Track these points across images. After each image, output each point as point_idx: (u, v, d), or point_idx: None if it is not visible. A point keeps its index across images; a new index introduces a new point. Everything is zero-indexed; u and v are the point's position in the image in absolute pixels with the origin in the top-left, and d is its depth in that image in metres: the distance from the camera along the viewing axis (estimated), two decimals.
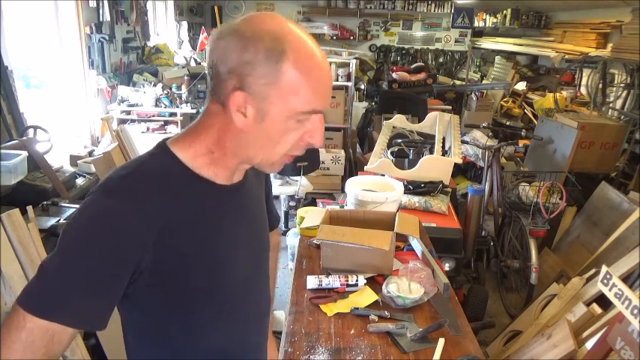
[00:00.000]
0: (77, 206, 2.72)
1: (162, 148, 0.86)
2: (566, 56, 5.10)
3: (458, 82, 7.50)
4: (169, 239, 0.80)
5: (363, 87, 6.74)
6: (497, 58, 7.70)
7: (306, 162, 3.95)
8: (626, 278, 2.43)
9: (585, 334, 2.14)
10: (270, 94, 0.77)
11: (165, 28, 7.09)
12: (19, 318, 0.73)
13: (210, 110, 0.84)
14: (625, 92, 4.46)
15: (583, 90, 5.48)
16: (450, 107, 6.01)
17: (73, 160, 3.63)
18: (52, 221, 2.48)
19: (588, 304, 2.32)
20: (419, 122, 4.26)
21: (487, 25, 8.17)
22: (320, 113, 0.83)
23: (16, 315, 0.73)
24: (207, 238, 0.86)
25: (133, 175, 0.80)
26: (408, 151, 3.45)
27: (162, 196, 0.80)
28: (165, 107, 4.86)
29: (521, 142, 4.75)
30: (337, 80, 5.18)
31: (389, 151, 3.37)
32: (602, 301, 2.22)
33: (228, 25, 0.79)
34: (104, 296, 0.77)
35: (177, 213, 0.81)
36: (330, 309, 1.56)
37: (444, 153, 3.31)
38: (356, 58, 5.58)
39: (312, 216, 2.06)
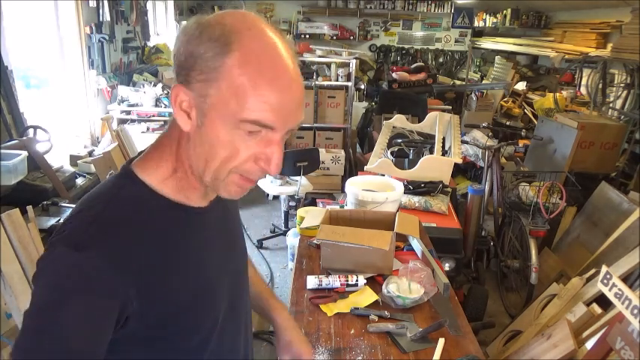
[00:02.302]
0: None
1: (128, 175, 0.76)
2: (566, 56, 5.10)
3: (458, 82, 7.50)
4: (152, 278, 0.72)
5: (363, 87, 6.73)
6: (497, 58, 7.69)
7: (306, 162, 3.96)
8: (626, 278, 2.43)
9: (585, 334, 2.14)
10: (208, 92, 0.67)
11: (165, 28, 7.09)
12: None
13: (172, 120, 0.74)
14: (625, 92, 4.45)
15: (583, 90, 5.48)
16: (450, 107, 6.01)
17: (73, 160, 3.63)
18: (52, 221, 2.49)
19: (588, 304, 2.32)
20: (419, 122, 4.26)
21: (487, 25, 8.17)
22: (271, 129, 0.69)
23: None
24: (189, 268, 0.78)
25: (101, 221, 0.70)
26: (408, 151, 3.45)
27: (137, 237, 0.71)
28: (165, 107, 4.86)
29: (521, 142, 4.75)
30: (337, 80, 5.18)
31: (389, 151, 3.37)
32: (602, 301, 2.22)
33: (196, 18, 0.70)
34: (90, 351, 0.68)
35: (155, 249, 0.73)
36: (330, 309, 1.56)
37: (444, 153, 3.31)
38: (356, 58, 5.58)
39: (312, 216, 2.06)
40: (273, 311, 1.14)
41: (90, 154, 3.80)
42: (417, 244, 1.92)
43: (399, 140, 3.56)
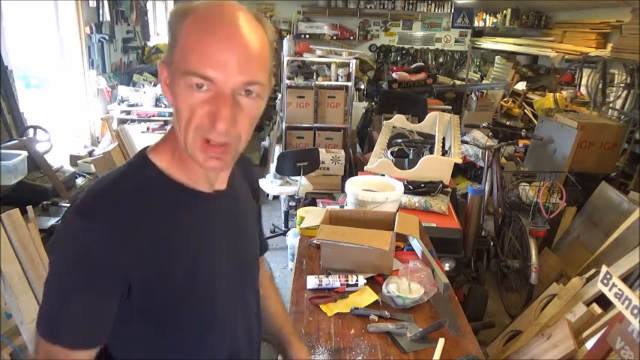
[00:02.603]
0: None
1: (141, 157, 0.83)
2: (566, 56, 5.10)
3: (458, 82, 7.49)
4: (151, 254, 0.76)
5: (363, 87, 6.73)
6: (497, 58, 7.69)
7: (306, 162, 3.96)
8: (626, 278, 2.43)
9: (585, 334, 2.14)
10: (173, 58, 0.74)
11: (165, 28, 7.09)
12: (39, 342, 0.75)
13: None
14: (625, 92, 4.45)
15: (583, 90, 5.47)
16: (450, 107, 6.01)
17: (73, 160, 3.63)
18: (52, 221, 2.49)
19: (588, 304, 2.32)
20: (419, 122, 4.26)
21: (487, 25, 8.17)
22: (212, 82, 0.72)
23: (37, 338, 0.75)
24: (186, 249, 0.81)
25: (108, 193, 0.76)
26: (408, 151, 3.45)
27: (139, 212, 0.76)
28: (165, 107, 4.86)
29: (521, 142, 4.75)
30: (337, 80, 5.18)
31: (389, 151, 3.37)
32: (602, 301, 2.22)
33: None
34: (94, 317, 0.75)
35: (155, 226, 0.77)
36: (330, 309, 1.56)
37: (444, 153, 3.31)
38: (356, 58, 5.57)
39: (312, 216, 2.06)
40: (292, 350, 1.14)
41: (90, 154, 3.80)
42: (417, 244, 1.92)
43: (399, 140, 3.56)
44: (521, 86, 6.46)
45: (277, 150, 4.92)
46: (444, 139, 3.61)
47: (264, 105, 0.80)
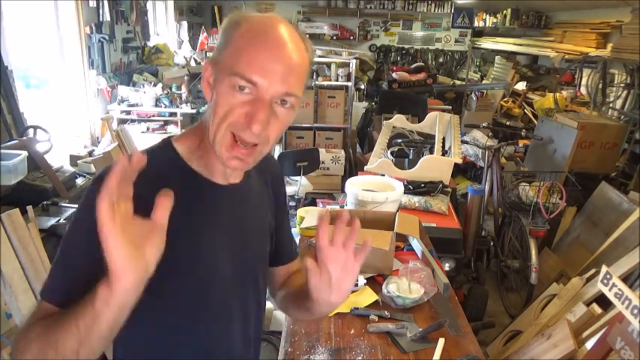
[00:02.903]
0: (77, 206, 2.74)
1: (166, 142, 0.89)
2: (566, 56, 5.10)
3: (458, 82, 7.50)
4: None
5: (363, 87, 6.73)
6: (497, 58, 7.69)
7: (306, 162, 3.96)
8: (626, 278, 2.43)
9: (585, 334, 2.14)
10: (220, 59, 0.81)
11: (166, 28, 7.09)
12: (37, 304, 0.80)
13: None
14: (625, 92, 4.45)
15: (583, 90, 5.48)
16: (450, 107, 6.01)
17: (73, 160, 3.63)
18: (52, 221, 2.48)
19: (588, 304, 2.32)
20: (419, 122, 4.26)
21: (487, 25, 8.17)
22: (255, 86, 0.77)
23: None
24: (191, 230, 0.85)
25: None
26: (408, 151, 3.45)
27: (152, 185, 0.74)
28: (165, 107, 4.86)
29: (521, 142, 4.75)
30: (337, 80, 5.18)
31: (389, 151, 3.37)
32: (602, 301, 2.22)
33: None
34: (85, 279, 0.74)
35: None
36: None
37: (444, 153, 3.31)
38: (356, 58, 5.58)
39: (312, 216, 2.06)
40: None
41: (90, 154, 3.80)
42: (417, 244, 1.92)
43: (399, 140, 3.56)
44: (521, 86, 6.47)
45: (277, 150, 4.92)
46: (444, 139, 3.62)
47: (294, 116, 0.85)
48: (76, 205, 2.73)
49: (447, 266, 2.53)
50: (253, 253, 1.00)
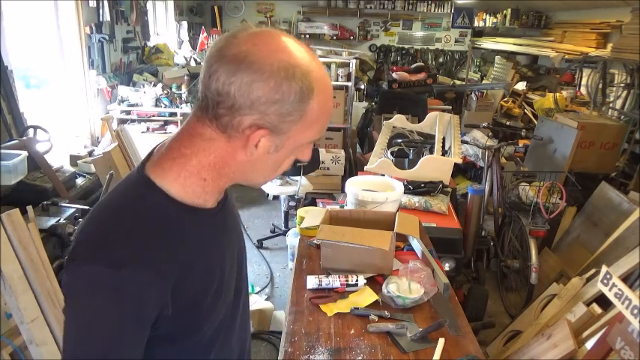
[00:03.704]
0: (77, 206, 2.73)
1: (147, 184, 0.78)
2: (566, 56, 5.10)
3: (458, 82, 7.50)
4: (181, 281, 0.76)
5: (363, 87, 6.73)
6: (497, 58, 7.69)
7: (306, 162, 3.95)
8: (626, 278, 2.43)
9: (585, 334, 2.14)
10: (291, 128, 0.76)
11: (165, 28, 7.09)
12: None
13: (204, 134, 0.77)
14: (625, 92, 4.46)
15: (583, 90, 5.48)
16: (450, 107, 6.01)
17: (73, 160, 3.63)
18: (52, 221, 2.48)
19: (588, 304, 2.32)
20: (419, 122, 4.26)
21: (487, 25, 8.17)
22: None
23: None
24: (210, 268, 0.84)
25: (135, 233, 0.73)
26: (408, 151, 3.45)
27: (167, 245, 0.75)
28: (165, 107, 4.86)
29: (521, 142, 4.75)
30: (337, 80, 5.18)
31: (389, 151, 3.37)
32: (602, 301, 2.22)
33: (242, 48, 0.71)
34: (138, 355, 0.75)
35: (182, 253, 0.77)
36: (330, 309, 1.56)
37: (444, 153, 3.31)
38: (356, 58, 5.57)
39: (312, 216, 2.06)
40: None
41: (90, 154, 3.81)
42: (417, 244, 1.92)
43: (399, 140, 3.56)
44: (521, 86, 6.46)
45: None
46: (444, 139, 3.61)
47: None
48: (76, 206, 2.73)
49: (447, 266, 2.53)
50: (245, 257, 1.04)
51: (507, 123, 5.79)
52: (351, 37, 9.45)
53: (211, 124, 0.75)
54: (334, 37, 9.26)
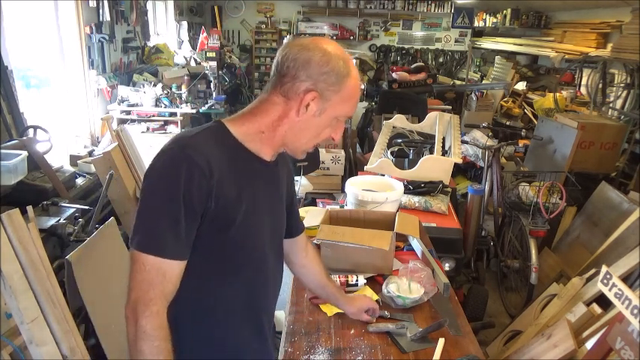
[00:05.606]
0: (77, 206, 2.74)
1: (222, 126, 1.07)
2: (566, 56, 5.10)
3: (458, 82, 7.49)
4: (221, 190, 0.99)
5: (363, 87, 6.72)
6: (497, 58, 7.69)
7: (306, 162, 3.95)
8: (626, 278, 2.43)
9: (585, 334, 2.14)
10: (332, 98, 1.05)
11: (165, 28, 7.09)
12: (140, 260, 0.94)
13: (270, 100, 1.06)
14: (625, 92, 4.45)
15: (583, 90, 5.47)
16: (450, 107, 6.01)
17: (73, 160, 3.63)
18: (52, 221, 2.48)
19: (588, 304, 2.32)
20: (419, 122, 4.26)
21: (487, 25, 8.16)
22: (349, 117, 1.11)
23: (136, 258, 0.95)
24: (246, 196, 1.05)
25: (198, 137, 1.02)
26: (408, 151, 3.45)
27: (219, 155, 1.01)
28: (165, 107, 4.86)
29: (521, 142, 4.75)
30: None
31: (389, 151, 3.37)
32: (602, 301, 2.22)
33: (307, 41, 1.05)
34: (189, 232, 0.98)
35: (227, 171, 1.01)
36: (330, 309, 1.56)
37: (444, 153, 3.31)
38: (356, 58, 5.58)
39: (312, 216, 2.06)
40: (338, 293, 1.48)
41: (90, 154, 3.80)
42: (417, 244, 1.92)
43: (399, 140, 3.56)
44: (521, 86, 6.46)
45: None
46: (444, 139, 3.61)
47: None
48: (77, 206, 2.72)
49: (447, 266, 2.53)
50: (280, 219, 1.23)
51: (507, 123, 5.79)
52: (351, 37, 9.45)
53: (277, 91, 1.05)
54: (334, 37, 9.25)
